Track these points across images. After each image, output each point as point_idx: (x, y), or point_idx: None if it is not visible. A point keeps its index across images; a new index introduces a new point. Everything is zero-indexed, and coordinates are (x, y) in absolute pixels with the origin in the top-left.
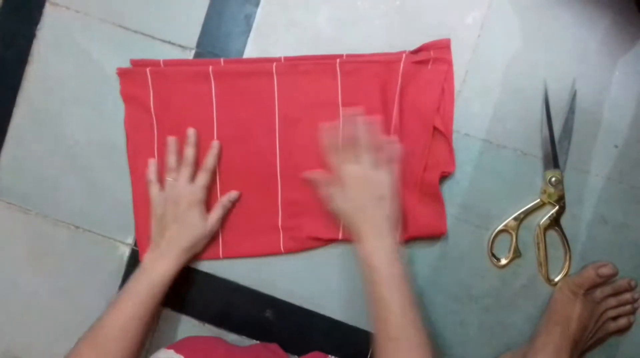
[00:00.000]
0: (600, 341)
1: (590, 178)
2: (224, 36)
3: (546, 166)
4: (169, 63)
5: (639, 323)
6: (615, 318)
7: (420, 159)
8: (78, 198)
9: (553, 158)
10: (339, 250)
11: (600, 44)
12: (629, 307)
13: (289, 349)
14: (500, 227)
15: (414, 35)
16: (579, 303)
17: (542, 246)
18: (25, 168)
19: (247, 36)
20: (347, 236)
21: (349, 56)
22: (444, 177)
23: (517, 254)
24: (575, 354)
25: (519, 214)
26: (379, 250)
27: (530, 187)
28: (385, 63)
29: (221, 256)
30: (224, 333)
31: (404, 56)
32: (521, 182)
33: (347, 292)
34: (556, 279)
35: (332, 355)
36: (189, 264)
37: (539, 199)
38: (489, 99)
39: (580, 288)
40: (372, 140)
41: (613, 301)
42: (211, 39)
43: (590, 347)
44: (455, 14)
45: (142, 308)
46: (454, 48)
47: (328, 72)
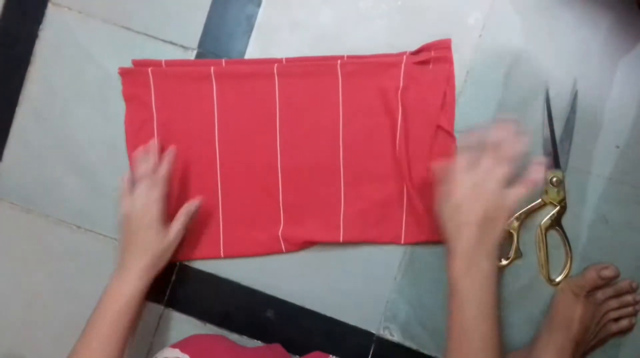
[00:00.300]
0: (602, 342)
1: (592, 178)
2: (225, 37)
3: (547, 167)
4: (170, 63)
5: None
6: (616, 320)
7: (425, 159)
8: (80, 198)
9: (554, 158)
10: (340, 250)
11: (601, 44)
12: (630, 309)
13: (289, 349)
14: None
15: (415, 36)
16: (581, 304)
17: (543, 247)
18: (27, 168)
19: (249, 37)
20: (348, 240)
21: (350, 57)
22: None
23: (518, 254)
24: (577, 355)
25: (520, 214)
26: (473, 274)
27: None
28: (387, 64)
29: (222, 256)
30: (225, 333)
31: (405, 57)
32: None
33: (348, 292)
34: (557, 279)
35: (333, 355)
36: (189, 264)
37: (540, 200)
38: (490, 99)
39: (582, 290)
40: (509, 153)
41: (615, 303)
42: (213, 40)
43: (592, 348)
44: (457, 14)
45: (116, 325)
46: (455, 48)
47: (329, 74)
